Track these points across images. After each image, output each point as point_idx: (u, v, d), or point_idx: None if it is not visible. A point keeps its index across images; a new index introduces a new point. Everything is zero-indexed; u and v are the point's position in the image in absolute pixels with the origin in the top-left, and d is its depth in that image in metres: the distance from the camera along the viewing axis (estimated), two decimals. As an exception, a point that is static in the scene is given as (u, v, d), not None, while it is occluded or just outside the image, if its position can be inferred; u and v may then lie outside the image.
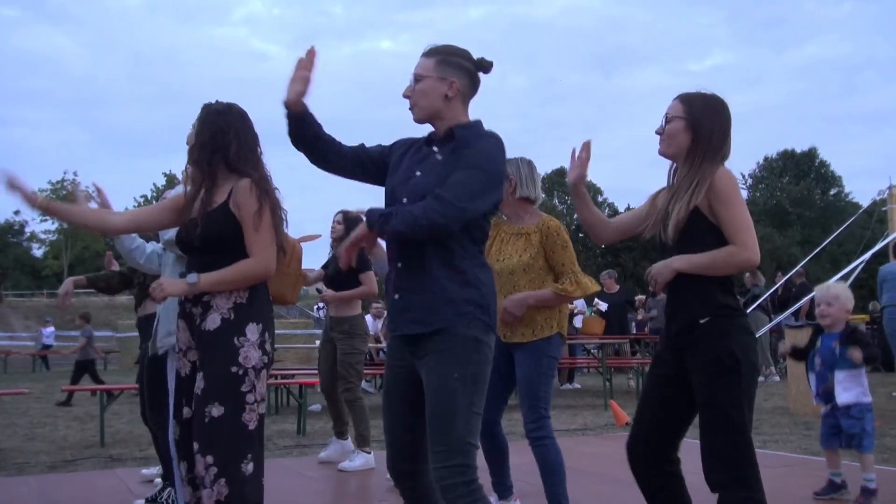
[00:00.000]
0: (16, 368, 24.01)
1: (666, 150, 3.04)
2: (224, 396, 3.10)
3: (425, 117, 2.91)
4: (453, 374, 2.71)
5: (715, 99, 3.04)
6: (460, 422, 2.69)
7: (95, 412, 9.51)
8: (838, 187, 60.95)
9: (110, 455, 7.38)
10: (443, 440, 2.69)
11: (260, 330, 3.19)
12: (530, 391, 4.20)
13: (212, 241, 3.19)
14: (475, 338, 2.76)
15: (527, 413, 4.22)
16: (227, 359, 3.13)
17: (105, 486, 5.90)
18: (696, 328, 2.91)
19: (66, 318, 45.23)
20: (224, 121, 3.28)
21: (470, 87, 2.93)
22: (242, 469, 3.10)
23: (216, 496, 3.04)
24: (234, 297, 3.18)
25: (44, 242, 62.59)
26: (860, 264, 11.94)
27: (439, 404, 2.71)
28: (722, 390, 2.84)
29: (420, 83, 2.87)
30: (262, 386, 3.18)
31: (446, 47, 2.93)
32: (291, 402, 10.74)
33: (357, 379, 6.59)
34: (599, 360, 12.15)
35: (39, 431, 9.20)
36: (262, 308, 3.24)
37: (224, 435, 3.09)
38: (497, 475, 4.54)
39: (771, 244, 47.41)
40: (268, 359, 3.22)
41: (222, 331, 3.15)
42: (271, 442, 7.98)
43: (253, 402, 3.14)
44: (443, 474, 2.68)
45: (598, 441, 7.79)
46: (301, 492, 5.63)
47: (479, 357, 2.76)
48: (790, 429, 8.27)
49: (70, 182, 57.61)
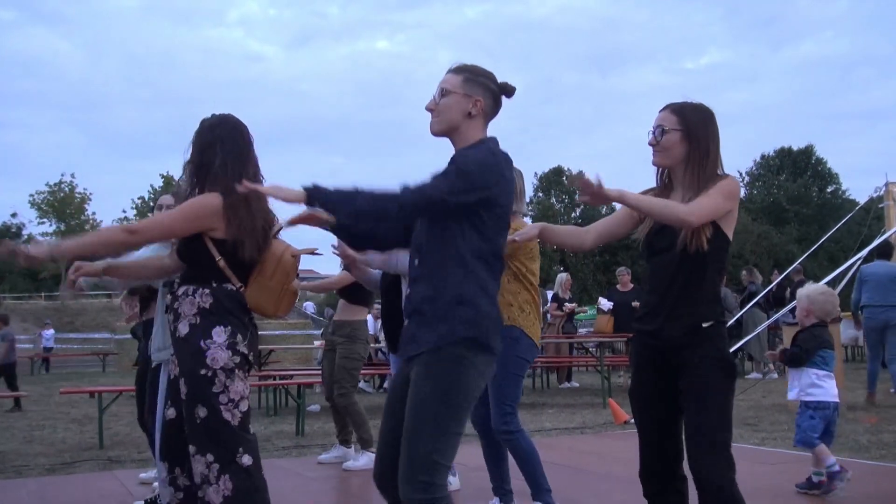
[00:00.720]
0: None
1: (662, 161, 3.06)
2: (202, 398, 3.21)
3: (444, 130, 2.92)
4: (426, 388, 2.71)
5: (704, 107, 3.08)
6: (426, 437, 2.66)
7: (94, 414, 9.50)
8: (835, 184, 60.95)
9: (109, 457, 7.39)
10: (408, 455, 2.67)
11: (228, 332, 3.27)
12: (495, 389, 4.28)
13: (181, 253, 3.42)
14: (459, 354, 2.73)
15: (493, 410, 4.33)
16: (195, 362, 3.23)
17: (104, 488, 5.91)
18: (699, 331, 2.95)
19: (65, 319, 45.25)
20: (212, 136, 3.37)
21: (492, 108, 2.96)
22: (239, 462, 3.21)
23: (224, 491, 3.15)
24: (198, 302, 3.28)
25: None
26: (857, 261, 11.92)
27: (409, 418, 2.71)
28: (720, 392, 2.92)
29: (445, 98, 2.90)
30: (236, 385, 3.26)
31: (474, 67, 2.97)
32: (290, 402, 10.74)
33: (352, 384, 6.60)
34: (598, 358, 12.16)
35: (38, 434, 9.20)
36: (231, 313, 3.31)
37: (214, 432, 3.20)
38: (496, 479, 4.58)
39: (768, 241, 47.51)
40: (240, 358, 3.29)
41: (190, 336, 3.27)
42: (270, 443, 7.98)
43: (227, 402, 3.23)
44: (405, 490, 2.66)
45: (597, 439, 7.80)
46: (300, 492, 5.63)
47: (458, 374, 2.72)
48: (788, 426, 8.27)
49: (67, 184, 57.55)
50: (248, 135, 3.45)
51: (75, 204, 57.98)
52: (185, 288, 3.35)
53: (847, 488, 4.96)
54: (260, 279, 3.38)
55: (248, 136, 3.45)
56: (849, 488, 4.98)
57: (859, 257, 11.82)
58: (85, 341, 36.43)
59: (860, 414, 8.99)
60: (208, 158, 3.33)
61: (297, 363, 18.89)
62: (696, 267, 2.95)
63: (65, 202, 57.23)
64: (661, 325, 3.00)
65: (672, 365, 2.99)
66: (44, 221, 58.05)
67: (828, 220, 47.28)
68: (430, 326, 2.76)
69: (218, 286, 3.31)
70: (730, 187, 2.96)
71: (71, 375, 22.22)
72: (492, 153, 2.85)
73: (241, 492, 3.16)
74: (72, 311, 50.34)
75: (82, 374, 22.42)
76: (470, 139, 2.90)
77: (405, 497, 2.67)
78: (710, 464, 2.86)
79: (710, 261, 2.96)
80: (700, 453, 2.88)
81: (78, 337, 37.40)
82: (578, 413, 9.53)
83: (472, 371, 2.75)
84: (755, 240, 47.42)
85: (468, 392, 2.75)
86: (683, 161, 3.02)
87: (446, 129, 2.92)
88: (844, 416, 8.76)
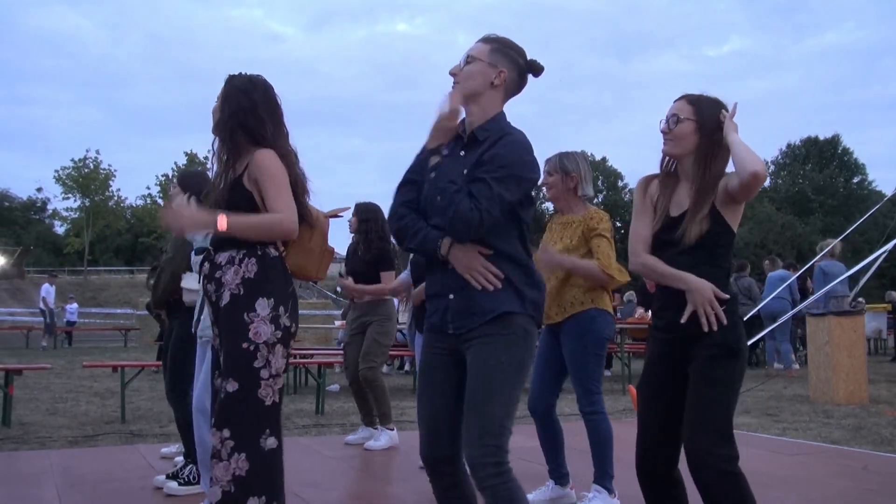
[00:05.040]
0: (38, 344, 24.27)
1: (672, 150, 3.04)
2: (238, 372, 3.11)
3: (464, 97, 2.90)
4: (500, 357, 2.74)
5: (721, 103, 3.05)
6: (499, 403, 2.71)
7: (116, 388, 9.61)
8: (861, 175, 60.36)
9: (131, 431, 7.46)
10: (479, 420, 2.69)
11: (272, 304, 3.17)
12: (576, 369, 4.37)
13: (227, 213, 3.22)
14: (524, 328, 2.79)
15: (578, 390, 4.41)
16: (238, 335, 3.13)
17: (126, 460, 5.96)
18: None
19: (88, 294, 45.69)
20: (246, 96, 3.27)
21: (516, 83, 2.94)
22: (261, 444, 3.11)
23: (235, 470, 3.06)
24: (243, 272, 3.18)
25: (66, 220, 62.88)
26: (883, 254, 11.81)
27: (480, 384, 2.72)
28: (725, 371, 2.89)
29: (471, 65, 2.89)
30: (277, 360, 3.17)
31: (504, 39, 2.95)
32: (310, 381, 10.81)
33: (381, 360, 6.74)
34: (618, 345, 12.13)
35: (61, 406, 9.31)
36: (273, 282, 3.21)
37: (238, 410, 3.10)
38: (553, 462, 4.63)
39: (792, 231, 47.10)
40: (282, 333, 3.19)
41: (233, 307, 3.16)
42: (290, 421, 8.04)
43: (268, 378, 3.14)
44: (474, 453, 2.68)
45: (617, 425, 7.74)
46: (320, 470, 5.66)
47: (524, 347, 2.79)
48: (810, 416, 8.24)
49: (92, 160, 57.96)
50: (277, 98, 3.39)
51: (100, 180, 58.43)
52: (228, 254, 3.23)
53: (869, 481, 4.93)
54: (301, 242, 3.34)
55: (277, 99, 3.39)
56: (872, 481, 4.95)
57: (885, 250, 11.71)
58: (107, 316, 36.82)
59: (883, 407, 8.92)
60: (244, 118, 3.24)
61: (318, 343, 18.97)
62: (700, 259, 2.93)
63: (89, 178, 57.67)
64: (671, 319, 2.99)
65: (684, 357, 2.96)
66: (69, 197, 58.62)
67: (853, 212, 46.86)
68: (493, 298, 2.77)
69: (263, 253, 3.21)
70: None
71: (93, 350, 22.45)
72: (526, 140, 2.84)
73: (254, 474, 3.08)
74: (95, 287, 50.89)
75: (104, 349, 22.65)
76: (488, 110, 2.88)
77: (475, 462, 2.68)
78: (705, 444, 2.80)
79: (715, 252, 2.94)
80: (694, 433, 2.83)
81: (101, 312, 37.80)
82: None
83: (532, 344, 2.85)
84: (779, 230, 47.05)
85: (529, 365, 2.86)
86: (693, 153, 3.01)
87: (466, 94, 2.90)
88: (867, 410, 8.71)
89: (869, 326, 13.48)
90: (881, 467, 5.52)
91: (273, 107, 3.34)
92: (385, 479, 5.59)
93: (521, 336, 2.78)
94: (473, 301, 2.78)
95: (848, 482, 5.10)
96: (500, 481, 2.66)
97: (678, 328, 2.97)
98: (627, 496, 4.71)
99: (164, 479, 4.93)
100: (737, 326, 2.95)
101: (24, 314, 37.41)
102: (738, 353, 2.93)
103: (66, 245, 61.26)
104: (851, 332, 9.65)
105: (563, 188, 4.50)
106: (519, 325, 2.78)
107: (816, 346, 9.81)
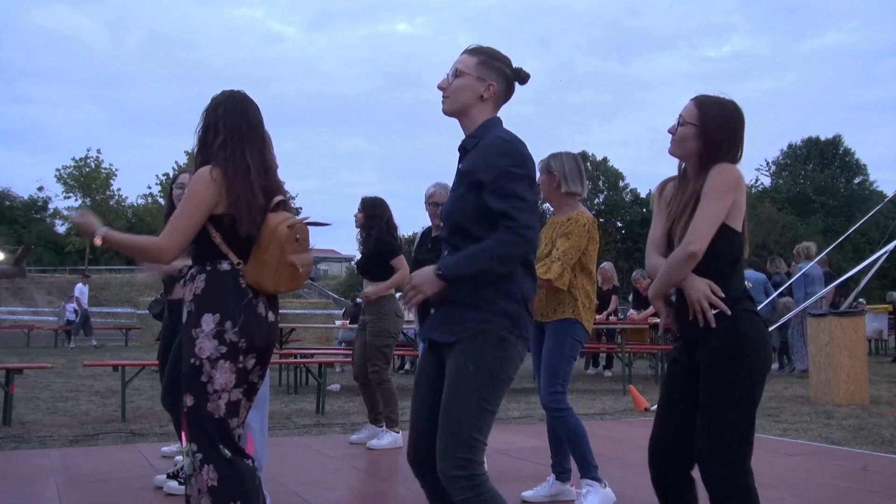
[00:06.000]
0: (39, 343, 24.29)
1: (674, 150, 3.05)
2: (190, 387, 3.14)
3: (455, 111, 2.93)
4: (469, 365, 2.71)
5: (730, 107, 3.01)
6: (468, 415, 2.68)
7: (117, 388, 9.62)
8: (863, 176, 60.29)
9: (131, 430, 7.47)
10: (448, 432, 2.68)
11: (217, 320, 3.13)
12: (549, 364, 4.52)
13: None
14: (499, 335, 2.75)
15: (544, 385, 4.52)
16: (187, 351, 3.16)
17: (126, 460, 5.96)
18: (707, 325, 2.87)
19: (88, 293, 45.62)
20: (215, 115, 3.27)
21: (505, 94, 2.97)
22: (223, 453, 3.12)
23: (208, 481, 3.08)
24: (194, 287, 3.20)
25: (67, 219, 62.90)
26: (884, 254, 11.81)
27: (450, 395, 2.72)
28: (727, 376, 2.82)
29: (459, 78, 2.91)
30: (221, 376, 3.12)
31: (490, 49, 2.96)
32: (311, 381, 10.80)
33: (383, 362, 6.64)
34: (619, 345, 12.11)
35: (61, 405, 9.31)
36: (221, 297, 3.17)
37: (195, 424, 3.13)
38: (556, 455, 4.74)
39: (793, 232, 47.04)
40: (227, 348, 3.13)
41: (187, 323, 3.20)
42: (290, 420, 8.05)
43: (213, 392, 3.12)
44: (444, 466, 2.67)
45: (616, 426, 7.78)
46: (320, 470, 5.66)
47: (499, 354, 2.75)
48: (810, 417, 8.24)
49: (93, 160, 57.91)
50: (255, 113, 3.33)
51: (101, 179, 58.42)
52: (190, 271, 3.27)
53: (870, 481, 4.93)
54: (257, 253, 3.23)
55: (254, 113, 3.33)
56: (872, 481, 4.95)
57: (885, 251, 11.72)
58: (108, 315, 36.79)
59: (884, 408, 8.92)
60: (210, 137, 3.24)
61: (318, 342, 18.98)
62: (703, 262, 2.89)
63: (90, 177, 57.66)
64: (681, 323, 2.99)
65: (693, 362, 2.94)
66: (70, 196, 58.56)
67: (854, 212, 46.80)
68: (472, 309, 2.76)
69: (212, 268, 3.19)
70: (724, 180, 2.88)
71: (94, 349, 22.45)
72: (521, 144, 2.84)
73: (226, 482, 3.09)
74: (95, 286, 50.80)
75: (105, 348, 22.65)
76: (479, 122, 2.91)
77: (445, 474, 2.67)
78: (712, 456, 2.80)
79: (714, 250, 2.89)
80: (705, 448, 2.82)
81: (101, 311, 37.76)
82: (598, 399, 9.50)
83: (513, 352, 2.79)
84: (780, 230, 47.02)
85: (508, 373, 2.78)
86: (694, 156, 3.00)
87: (456, 109, 2.93)
88: (868, 410, 8.71)
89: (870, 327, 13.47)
90: (881, 468, 5.52)
91: (240, 120, 3.28)
92: (386, 479, 5.59)
93: (492, 345, 2.74)
94: (449, 315, 2.79)
95: (848, 483, 5.10)
96: (472, 495, 2.64)
97: (683, 332, 2.97)
98: (628, 496, 4.72)
99: (165, 479, 4.94)
100: (738, 329, 2.86)
101: (24, 313, 37.42)
102: (740, 357, 2.83)
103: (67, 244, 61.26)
104: (852, 332, 9.65)
105: (549, 187, 4.70)
106: (491, 334, 2.74)
107: (817, 347, 9.81)
